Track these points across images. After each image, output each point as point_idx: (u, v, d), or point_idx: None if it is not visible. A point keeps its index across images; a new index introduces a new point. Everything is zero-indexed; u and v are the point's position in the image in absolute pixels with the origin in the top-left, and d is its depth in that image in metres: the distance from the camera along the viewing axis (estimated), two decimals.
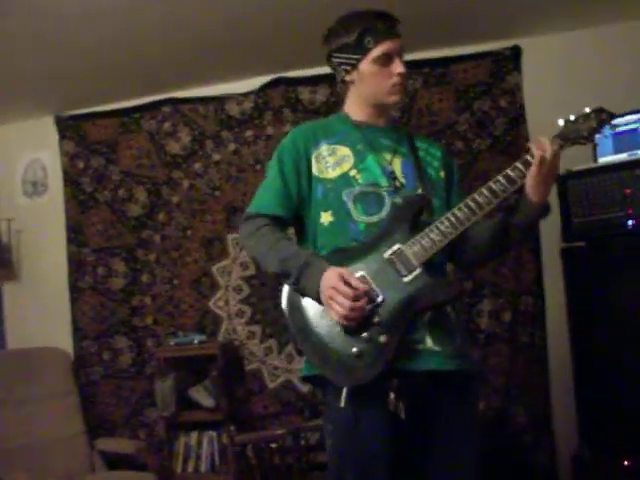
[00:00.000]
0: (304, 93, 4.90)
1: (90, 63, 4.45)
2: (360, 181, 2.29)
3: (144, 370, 5.07)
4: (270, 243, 2.29)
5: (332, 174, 2.32)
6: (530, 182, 2.17)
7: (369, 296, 2.11)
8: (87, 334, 5.21)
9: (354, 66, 2.33)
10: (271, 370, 4.84)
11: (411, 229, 2.20)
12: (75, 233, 5.28)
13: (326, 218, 2.30)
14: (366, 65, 2.31)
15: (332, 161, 2.34)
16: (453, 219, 2.18)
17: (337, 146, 2.37)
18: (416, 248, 2.16)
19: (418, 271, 2.15)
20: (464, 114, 4.66)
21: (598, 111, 2.19)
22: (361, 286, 2.09)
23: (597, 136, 2.22)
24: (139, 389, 5.07)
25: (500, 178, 2.19)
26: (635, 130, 3.69)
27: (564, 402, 4.14)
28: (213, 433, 4.70)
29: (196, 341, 4.75)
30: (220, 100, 5.06)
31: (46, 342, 5.09)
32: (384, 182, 2.30)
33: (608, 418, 3.46)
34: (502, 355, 4.50)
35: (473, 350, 2.56)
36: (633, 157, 3.55)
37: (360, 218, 2.26)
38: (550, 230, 4.15)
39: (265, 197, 2.40)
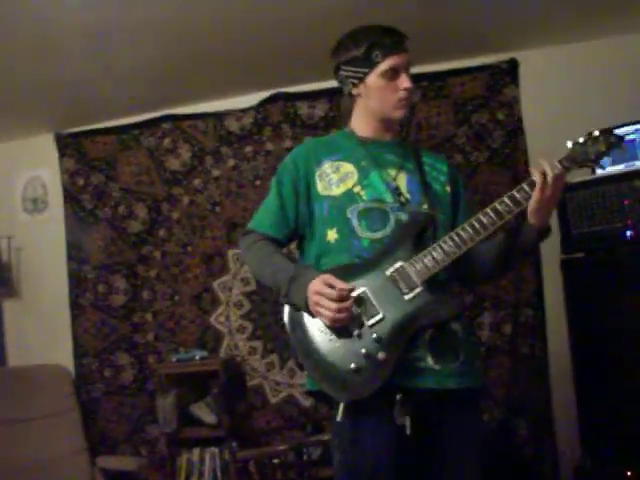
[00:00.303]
0: (303, 108, 4.92)
1: (90, 80, 4.46)
2: (364, 197, 2.30)
3: (145, 387, 5.06)
4: (264, 257, 2.35)
5: (336, 191, 2.32)
6: (532, 206, 2.17)
7: (355, 298, 2.14)
8: (88, 351, 5.20)
9: (361, 79, 2.34)
10: (273, 385, 4.84)
11: (414, 246, 2.21)
12: (75, 250, 5.28)
13: (332, 235, 2.30)
14: (373, 79, 2.31)
15: (336, 178, 2.34)
16: (457, 239, 2.18)
17: (341, 163, 2.37)
18: (418, 266, 2.17)
19: (419, 289, 2.16)
20: (462, 127, 4.68)
21: (607, 134, 2.18)
22: (345, 286, 2.11)
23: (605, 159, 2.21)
24: (141, 406, 5.06)
25: (505, 199, 2.17)
26: (633, 141, 3.71)
27: (566, 413, 4.14)
28: (215, 449, 4.68)
29: (197, 357, 4.74)
30: (219, 116, 5.08)
31: (47, 359, 5.08)
32: (389, 198, 2.30)
33: (610, 429, 3.46)
34: (503, 367, 4.50)
35: (479, 362, 2.53)
36: (631, 168, 3.56)
37: (364, 234, 2.26)
38: (550, 242, 4.12)
39: (263, 216, 2.45)
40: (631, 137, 3.72)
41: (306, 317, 2.21)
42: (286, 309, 2.29)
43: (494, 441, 4.46)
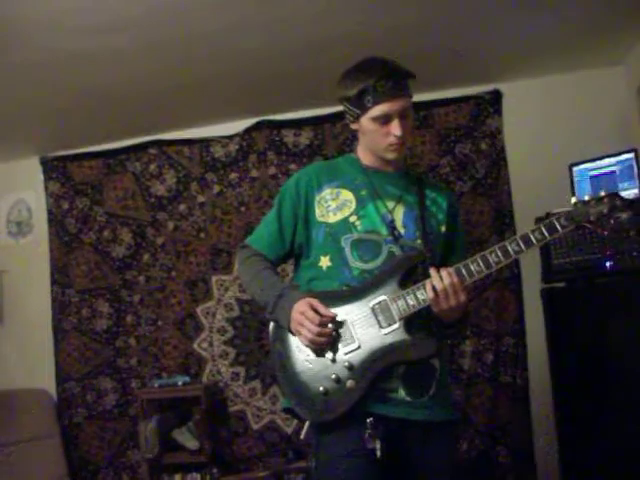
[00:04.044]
0: (288, 136, 4.95)
1: (76, 105, 4.49)
2: (359, 228, 2.32)
3: (128, 411, 5.04)
4: (255, 272, 2.41)
5: (333, 218, 2.35)
6: (434, 309, 2.19)
7: (335, 324, 2.19)
8: (71, 375, 5.18)
9: (356, 119, 2.34)
10: (255, 411, 4.84)
11: (401, 283, 2.22)
12: (59, 274, 5.27)
13: (325, 262, 2.34)
14: (365, 121, 2.30)
15: (334, 205, 2.36)
16: None
17: (341, 189, 2.39)
18: (400, 303, 2.19)
19: (397, 325, 2.18)
20: (446, 157, 4.73)
21: (612, 196, 2.17)
22: (329, 313, 2.18)
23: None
24: (123, 431, 5.04)
25: (497, 249, 2.17)
26: (613, 172, 3.76)
27: (547, 441, 4.16)
28: (197, 475, 4.67)
29: (180, 383, 4.73)
30: (205, 142, 5.11)
31: (29, 383, 5.08)
32: (383, 230, 2.32)
33: (590, 458, 3.47)
34: (484, 395, 4.53)
35: (451, 398, 2.53)
36: None
37: (355, 264, 2.29)
38: (530, 271, 4.21)
39: (261, 234, 2.50)
40: (611, 169, 3.77)
41: (287, 336, 2.27)
42: (272, 330, 2.35)
43: (475, 469, 4.47)
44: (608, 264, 3.46)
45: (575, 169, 3.89)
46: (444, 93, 4.76)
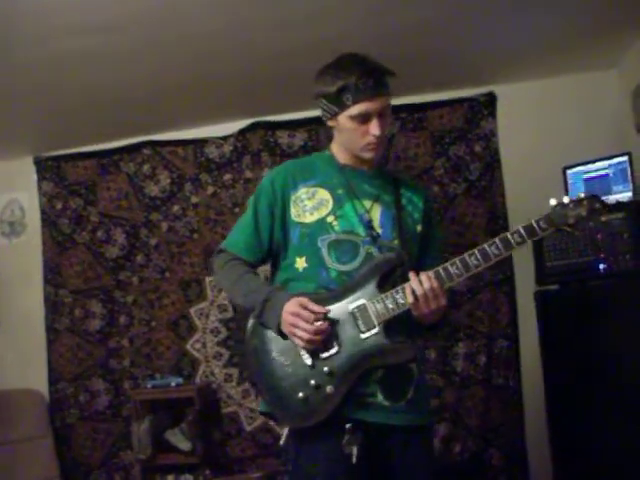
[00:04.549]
0: (282, 137, 4.95)
1: (70, 105, 4.48)
2: (336, 228, 2.29)
3: (120, 412, 5.03)
4: (235, 277, 2.34)
5: (309, 218, 2.31)
6: (413, 313, 2.17)
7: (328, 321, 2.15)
8: (63, 376, 5.16)
9: (334, 116, 2.30)
10: (248, 413, 4.83)
11: (380, 285, 2.19)
12: (52, 274, 5.25)
13: (301, 264, 2.30)
14: (343, 119, 2.27)
15: (310, 205, 2.33)
16: None
17: (317, 188, 2.36)
18: (379, 307, 2.16)
19: (376, 330, 2.15)
20: (440, 159, 4.73)
21: (591, 199, 2.15)
22: (322, 309, 2.14)
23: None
24: (115, 432, 5.03)
25: (476, 252, 2.15)
26: (606, 176, 3.78)
27: (539, 443, 4.16)
28: (189, 476, 4.67)
29: (173, 384, 4.72)
30: (199, 143, 5.10)
31: (21, 384, 5.06)
32: (361, 231, 2.29)
33: (583, 460, 3.49)
34: (477, 397, 4.54)
35: (429, 402, 2.52)
36: None
37: (333, 265, 2.26)
38: (524, 273, 4.22)
39: (237, 237, 2.44)
40: (605, 172, 3.78)
41: (267, 340, 2.24)
42: (249, 326, 2.31)
43: (468, 471, 4.47)
44: (601, 267, 3.47)
45: (569, 172, 3.90)
46: (438, 95, 4.76)
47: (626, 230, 3.40)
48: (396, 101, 4.73)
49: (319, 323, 2.11)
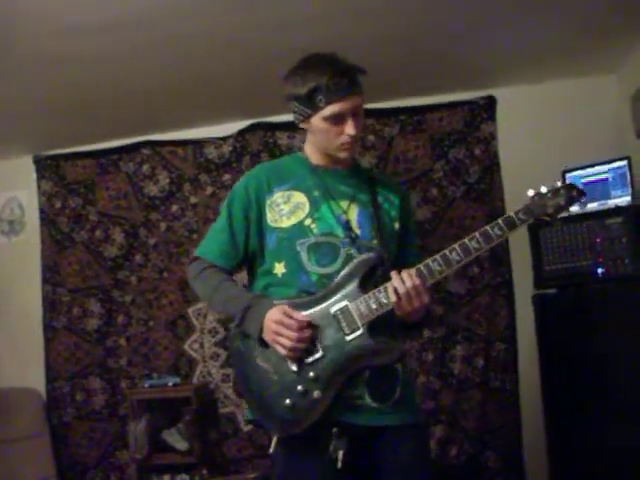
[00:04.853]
0: (282, 138, 4.95)
1: (70, 104, 4.48)
2: (315, 231, 2.25)
3: (117, 412, 5.03)
4: (213, 285, 2.30)
5: (287, 223, 2.27)
6: (397, 312, 2.15)
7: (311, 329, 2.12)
8: (61, 374, 5.16)
9: (306, 118, 2.26)
10: (245, 413, 4.83)
11: (362, 286, 2.16)
12: (51, 273, 5.25)
13: (279, 269, 2.26)
14: (317, 121, 2.23)
15: (287, 209, 2.28)
16: None
17: (292, 192, 2.31)
18: (362, 308, 2.13)
19: (361, 331, 2.12)
20: (439, 162, 4.74)
21: (568, 187, 2.18)
22: (305, 318, 2.11)
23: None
24: (112, 431, 5.03)
25: (456, 247, 2.13)
26: (605, 180, 3.78)
27: (536, 447, 4.17)
28: (186, 476, 4.65)
29: (170, 383, 4.71)
30: (199, 144, 5.11)
31: (19, 382, 5.05)
32: (340, 232, 2.25)
33: (579, 464, 3.49)
34: (474, 400, 4.54)
35: (417, 400, 2.50)
36: (603, 207, 3.62)
37: (313, 269, 2.22)
38: (522, 277, 4.23)
39: (212, 244, 2.39)
40: (604, 176, 3.79)
41: (250, 348, 2.21)
42: (230, 336, 2.30)
43: (464, 474, 4.48)
44: (600, 271, 3.48)
45: (568, 176, 3.90)
46: (438, 98, 4.77)
47: (625, 234, 3.41)
48: (396, 103, 4.83)
49: (302, 331, 2.09)
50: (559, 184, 2.19)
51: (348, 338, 2.12)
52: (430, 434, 4.48)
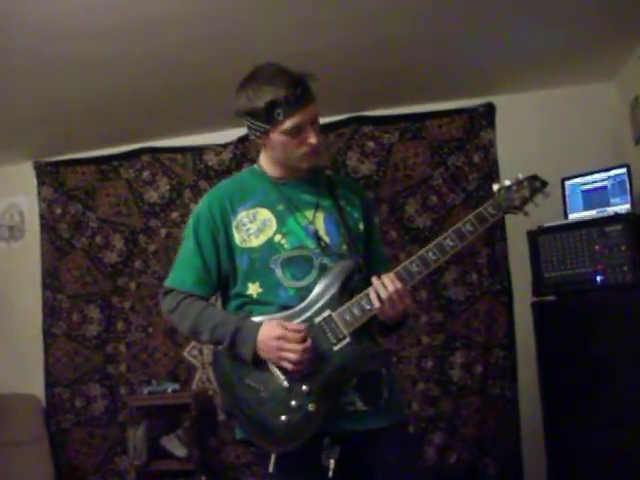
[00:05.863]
0: None
1: (71, 110, 4.49)
2: (286, 246, 2.21)
3: (116, 418, 5.03)
4: (195, 315, 2.23)
5: (256, 242, 2.22)
6: (380, 317, 2.15)
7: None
8: (60, 381, 5.16)
9: (264, 134, 2.20)
10: None
11: (341, 293, 2.15)
12: (51, 279, 5.26)
13: (254, 289, 2.22)
14: (276, 135, 2.17)
15: (254, 227, 2.24)
16: None
17: (257, 209, 2.26)
18: (346, 316, 2.12)
19: (348, 340, 2.12)
20: (439, 169, 4.74)
21: (531, 179, 2.21)
22: (302, 327, 2.10)
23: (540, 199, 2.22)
24: (111, 437, 5.02)
25: (432, 247, 2.13)
26: (604, 187, 3.78)
27: (535, 454, 4.16)
28: None
29: (169, 390, 4.73)
30: (199, 150, 5.11)
31: (18, 388, 5.05)
32: (310, 244, 2.22)
33: (577, 470, 3.49)
34: (473, 407, 4.53)
35: (401, 397, 2.50)
36: (602, 214, 3.62)
37: (289, 283, 2.19)
38: (521, 284, 4.23)
39: (183, 273, 2.31)
40: (603, 184, 3.79)
41: (238, 369, 2.18)
42: (215, 364, 2.27)
43: None
44: (599, 278, 3.48)
45: (567, 183, 3.91)
46: (437, 105, 4.77)
47: (624, 242, 3.41)
48: (395, 111, 4.82)
49: (306, 342, 2.07)
50: (521, 176, 2.21)
51: (336, 348, 2.12)
52: (429, 441, 4.50)
